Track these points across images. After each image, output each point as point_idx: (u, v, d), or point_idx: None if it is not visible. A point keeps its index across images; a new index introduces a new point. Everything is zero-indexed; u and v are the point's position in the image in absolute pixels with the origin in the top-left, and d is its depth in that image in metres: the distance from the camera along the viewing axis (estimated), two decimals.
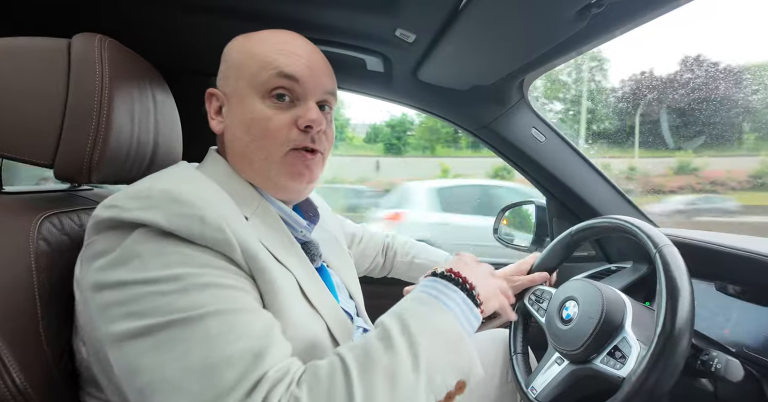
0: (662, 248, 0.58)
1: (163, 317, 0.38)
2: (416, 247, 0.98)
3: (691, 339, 0.50)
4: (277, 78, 0.52)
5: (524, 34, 0.65)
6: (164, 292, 0.38)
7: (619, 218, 0.70)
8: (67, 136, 0.49)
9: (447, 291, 0.49)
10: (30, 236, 0.46)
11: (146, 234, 0.41)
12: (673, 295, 0.52)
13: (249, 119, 0.53)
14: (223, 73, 0.56)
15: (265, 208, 0.55)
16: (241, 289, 0.43)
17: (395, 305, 0.48)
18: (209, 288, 0.40)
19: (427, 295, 0.48)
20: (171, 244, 0.41)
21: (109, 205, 0.42)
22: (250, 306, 0.42)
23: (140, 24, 0.76)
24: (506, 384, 0.83)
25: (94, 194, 0.66)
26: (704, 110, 3.33)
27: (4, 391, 0.41)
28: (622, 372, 0.54)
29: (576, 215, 1.09)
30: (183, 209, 0.41)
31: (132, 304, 0.39)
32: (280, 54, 0.53)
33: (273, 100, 0.53)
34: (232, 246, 0.43)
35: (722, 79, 2.74)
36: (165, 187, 0.43)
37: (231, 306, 0.40)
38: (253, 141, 0.53)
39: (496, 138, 1.03)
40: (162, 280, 0.39)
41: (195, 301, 0.39)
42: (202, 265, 0.41)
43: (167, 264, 0.40)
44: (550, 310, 0.73)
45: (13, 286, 0.44)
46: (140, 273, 0.39)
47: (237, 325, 0.39)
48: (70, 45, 0.50)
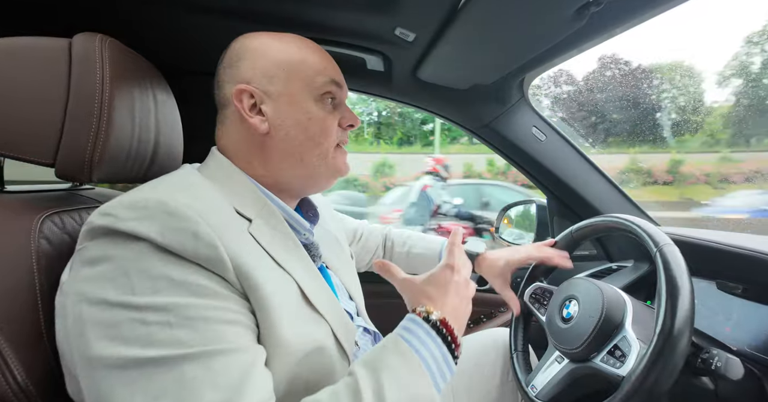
0: (663, 247, 0.58)
1: (141, 350, 0.37)
2: (413, 237, 0.98)
3: (691, 338, 0.50)
4: (330, 84, 0.57)
5: (523, 33, 0.65)
6: (146, 322, 0.38)
7: (620, 217, 0.70)
8: (68, 136, 0.49)
9: (428, 341, 0.48)
10: (31, 235, 0.47)
11: (138, 249, 0.40)
12: (673, 294, 0.52)
13: (306, 119, 0.56)
14: (259, 71, 0.55)
15: (269, 209, 0.55)
16: (229, 320, 0.42)
17: (373, 350, 0.48)
18: (193, 323, 0.39)
19: (408, 344, 0.47)
20: (161, 265, 0.40)
21: (104, 213, 0.42)
22: (234, 343, 0.41)
23: (141, 24, 0.76)
24: (507, 383, 0.83)
25: (96, 193, 0.67)
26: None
27: (6, 389, 0.41)
28: (621, 371, 0.54)
29: (577, 214, 1.09)
30: (178, 223, 0.41)
31: (111, 328, 0.38)
32: (326, 63, 0.58)
33: (324, 103, 0.57)
34: (224, 264, 0.42)
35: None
36: (162, 198, 0.42)
37: (212, 347, 0.39)
38: (309, 139, 0.56)
39: (496, 137, 1.03)
40: (146, 308, 0.38)
41: (176, 338, 0.38)
42: (191, 293, 0.40)
43: (155, 290, 0.39)
44: (551, 308, 0.73)
45: (14, 284, 0.44)
46: (126, 296, 0.38)
47: (214, 370, 0.38)
48: (70, 45, 0.50)
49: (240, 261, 0.44)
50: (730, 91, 9.39)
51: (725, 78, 9.12)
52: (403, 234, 1.00)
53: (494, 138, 1.04)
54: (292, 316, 0.47)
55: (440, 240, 0.96)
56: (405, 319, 0.51)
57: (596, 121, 7.52)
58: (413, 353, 0.46)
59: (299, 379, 0.46)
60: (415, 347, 0.47)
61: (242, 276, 0.44)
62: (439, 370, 0.47)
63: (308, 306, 0.51)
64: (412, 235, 0.99)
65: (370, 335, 0.69)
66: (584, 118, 5.08)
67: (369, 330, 0.69)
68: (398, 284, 0.59)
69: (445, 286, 0.55)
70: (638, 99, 3.24)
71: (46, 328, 0.45)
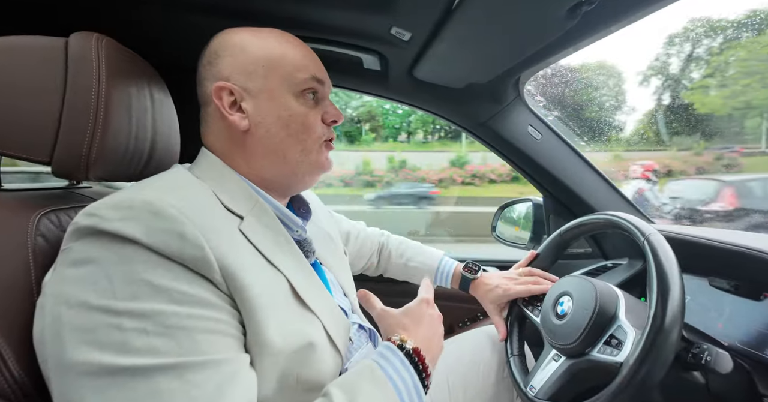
0: (649, 236, 0.59)
1: (116, 357, 0.36)
2: (410, 248, 0.98)
3: (684, 317, 0.51)
4: (310, 80, 0.56)
5: (517, 32, 0.65)
6: (123, 328, 0.37)
7: (606, 213, 0.71)
8: (65, 134, 0.49)
9: (402, 369, 0.50)
10: (28, 233, 0.47)
11: (123, 251, 0.39)
12: (663, 279, 0.53)
13: (287, 115, 0.55)
14: (238, 68, 0.54)
15: (261, 207, 0.55)
16: (210, 330, 0.41)
17: (349, 373, 0.49)
18: (172, 331, 0.38)
19: (382, 372, 0.49)
20: (144, 269, 0.39)
21: (89, 214, 0.42)
22: (213, 354, 0.40)
23: (137, 22, 0.77)
24: (502, 380, 0.83)
25: (93, 192, 0.67)
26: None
27: (3, 384, 0.41)
28: (619, 357, 0.55)
29: (572, 212, 1.10)
30: (163, 224, 0.41)
31: (87, 333, 0.37)
32: (307, 59, 0.57)
33: (305, 98, 0.57)
34: (210, 265, 0.42)
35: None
36: (147, 198, 0.42)
37: (189, 358, 0.38)
38: (290, 136, 0.56)
39: (492, 135, 1.03)
40: (124, 313, 0.37)
41: (152, 347, 0.37)
42: (172, 301, 0.39)
43: (135, 296, 0.38)
44: (545, 307, 0.73)
45: (11, 282, 0.44)
46: (105, 300, 0.38)
47: (190, 383, 0.37)
48: (67, 43, 0.50)
49: (227, 261, 0.43)
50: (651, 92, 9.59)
51: (646, 78, 9.33)
52: (402, 244, 1.00)
53: (490, 136, 1.04)
54: (281, 314, 0.47)
55: (438, 254, 0.97)
56: (381, 346, 0.53)
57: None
58: (387, 381, 0.48)
59: (290, 376, 0.46)
60: (390, 375, 0.48)
61: (229, 277, 0.43)
62: (410, 399, 0.49)
63: (299, 303, 0.51)
64: (410, 246, 0.99)
65: (365, 332, 0.69)
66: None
67: (364, 327, 0.69)
68: (376, 315, 0.62)
69: (420, 318, 0.59)
70: (565, 99, 3.27)
71: None
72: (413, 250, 0.98)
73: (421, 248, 0.99)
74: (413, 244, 1.00)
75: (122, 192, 0.45)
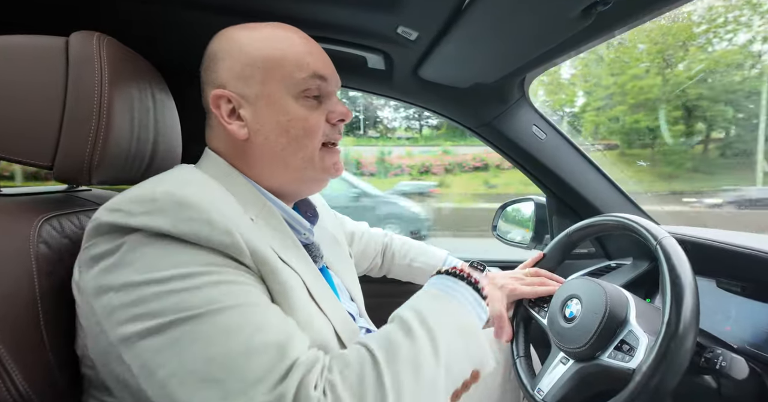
0: (662, 240, 0.59)
1: (177, 314, 0.37)
2: (414, 248, 0.98)
3: (698, 325, 0.51)
4: (311, 79, 0.53)
5: (528, 33, 0.64)
6: (175, 291, 0.37)
7: (617, 215, 0.71)
8: (67, 137, 0.47)
9: (456, 287, 0.50)
10: (30, 239, 0.45)
11: (150, 236, 0.40)
12: (677, 284, 0.53)
13: (286, 121, 0.53)
14: (235, 73, 0.52)
15: (269, 209, 0.54)
16: (254, 286, 0.42)
17: (409, 300, 0.49)
18: (221, 285, 0.39)
19: (438, 290, 0.50)
20: (177, 246, 0.40)
21: (112, 209, 0.41)
22: (265, 301, 0.42)
23: (138, 22, 0.75)
24: (508, 382, 0.83)
25: (93, 195, 0.65)
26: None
27: (5, 395, 0.40)
28: (631, 364, 0.54)
29: (576, 212, 1.09)
30: (189, 213, 0.40)
31: (141, 305, 0.38)
32: (308, 55, 0.54)
33: (306, 100, 0.54)
34: (241, 249, 0.42)
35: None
36: (169, 190, 0.42)
37: (246, 300, 0.39)
38: (291, 142, 0.53)
39: (497, 135, 1.03)
40: (172, 279, 0.38)
41: (209, 297, 0.38)
42: (211, 264, 0.40)
43: (176, 263, 0.39)
44: (552, 309, 0.73)
45: (14, 290, 0.43)
46: (147, 273, 0.38)
47: (255, 317, 0.39)
48: (67, 43, 0.49)
49: (256, 248, 0.43)
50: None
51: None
52: (405, 245, 0.99)
53: (495, 136, 1.04)
54: (304, 307, 0.47)
55: (441, 254, 0.96)
56: (426, 284, 0.53)
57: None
58: (442, 293, 0.49)
59: None
60: (444, 290, 0.50)
61: (260, 262, 0.44)
62: (472, 306, 0.49)
63: (313, 302, 0.51)
64: (413, 246, 0.98)
65: None
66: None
67: (371, 331, 0.69)
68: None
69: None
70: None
71: (47, 333, 0.44)
72: (417, 251, 0.97)
73: (425, 248, 0.98)
74: (417, 244, 0.99)
75: (139, 187, 0.44)
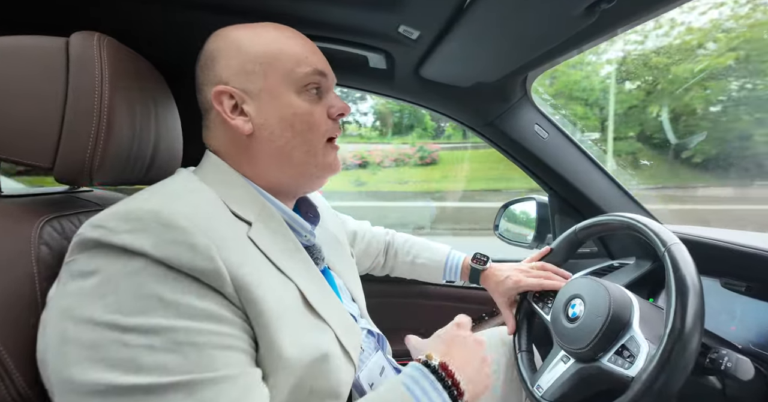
0: (671, 246, 0.58)
1: (124, 376, 0.35)
2: (416, 245, 0.97)
3: (701, 338, 0.50)
4: (312, 74, 0.54)
5: (531, 31, 0.64)
6: (131, 345, 0.36)
7: (626, 216, 0.70)
8: (67, 138, 0.47)
9: (431, 391, 0.47)
10: (31, 241, 0.45)
11: (131, 264, 0.38)
12: (683, 294, 0.52)
13: (291, 114, 0.53)
14: (236, 69, 0.52)
15: (268, 211, 0.53)
16: (222, 345, 0.40)
17: (378, 392, 0.48)
18: (181, 348, 0.37)
19: (410, 394, 0.47)
20: (154, 282, 0.38)
21: (95, 225, 0.40)
22: (225, 370, 0.39)
23: (137, 22, 0.74)
24: (511, 381, 0.83)
25: (94, 196, 0.65)
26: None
27: (6, 396, 0.40)
28: (631, 371, 0.54)
29: (579, 212, 1.09)
30: (173, 235, 0.39)
31: (94, 349, 0.36)
32: (307, 52, 0.54)
33: (308, 95, 0.54)
34: (222, 277, 0.41)
35: None
36: (155, 208, 0.41)
37: (200, 375, 0.37)
38: (296, 136, 0.53)
39: (499, 135, 1.02)
40: (132, 330, 0.36)
41: (161, 364, 0.36)
42: (181, 316, 0.38)
43: (143, 311, 0.37)
44: (556, 308, 0.73)
45: (15, 291, 0.43)
46: (112, 315, 0.36)
47: (201, 401, 0.36)
48: (68, 43, 0.49)
49: (239, 273, 0.42)
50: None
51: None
52: (407, 242, 0.98)
53: (497, 136, 1.03)
54: (294, 326, 0.46)
55: (444, 249, 0.96)
56: (409, 367, 0.51)
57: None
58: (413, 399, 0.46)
59: (303, 388, 0.45)
60: (417, 396, 0.47)
61: (240, 289, 0.42)
62: None
63: (311, 313, 0.50)
64: (416, 243, 0.98)
65: (373, 337, 0.68)
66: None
67: (373, 332, 0.68)
68: (411, 347, 0.63)
69: (451, 340, 0.58)
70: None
71: None
72: (419, 247, 0.97)
73: (428, 244, 0.97)
74: (419, 240, 0.99)
75: (128, 201, 0.43)
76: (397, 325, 1.17)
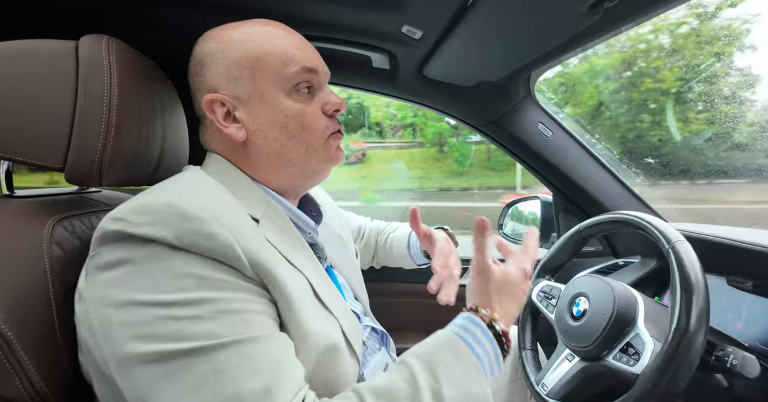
0: (675, 244, 0.58)
1: (175, 344, 0.37)
2: (393, 237, 0.95)
3: (707, 336, 0.50)
4: (301, 72, 0.53)
5: (534, 30, 0.64)
6: (177, 318, 0.38)
7: (629, 214, 0.70)
8: (77, 139, 0.48)
9: (482, 339, 0.48)
10: (43, 241, 0.46)
11: (155, 250, 0.40)
12: (687, 291, 0.52)
13: (282, 117, 0.52)
14: (224, 76, 0.52)
15: (274, 209, 0.54)
16: (256, 311, 0.42)
17: (425, 344, 0.48)
18: (223, 315, 0.39)
19: (462, 342, 0.47)
20: (182, 263, 0.40)
21: (116, 218, 0.41)
22: (264, 331, 0.41)
23: (143, 24, 0.75)
24: (516, 380, 0.83)
25: (103, 196, 0.66)
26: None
27: (22, 393, 0.41)
28: (636, 369, 0.54)
29: (583, 211, 1.09)
30: (191, 225, 0.41)
31: (142, 327, 0.38)
32: (295, 48, 0.53)
33: (298, 94, 0.53)
34: (242, 262, 0.42)
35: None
36: (171, 201, 0.42)
37: (244, 335, 0.39)
38: (291, 138, 0.53)
39: (502, 134, 1.02)
40: (175, 304, 0.38)
41: (208, 330, 0.38)
42: (216, 288, 0.40)
43: (181, 287, 0.39)
44: (560, 306, 0.73)
45: (29, 291, 0.43)
46: (152, 294, 0.38)
47: (249, 357, 0.38)
48: (77, 47, 0.49)
49: (257, 260, 0.43)
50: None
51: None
52: (386, 231, 0.97)
53: (500, 135, 1.03)
54: (310, 312, 0.47)
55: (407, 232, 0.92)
56: (465, 318, 0.50)
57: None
58: (470, 353, 0.46)
59: (319, 378, 0.46)
60: (476, 352, 0.47)
61: (262, 273, 0.44)
62: (491, 368, 0.48)
63: (321, 305, 0.50)
64: (393, 234, 0.95)
65: (377, 334, 0.68)
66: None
67: (377, 329, 0.69)
68: (475, 264, 0.56)
69: (513, 295, 0.55)
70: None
71: (61, 334, 0.45)
72: (394, 238, 0.94)
73: (400, 235, 0.93)
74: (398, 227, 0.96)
75: (144, 196, 0.44)
76: (401, 324, 1.17)
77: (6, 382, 0.40)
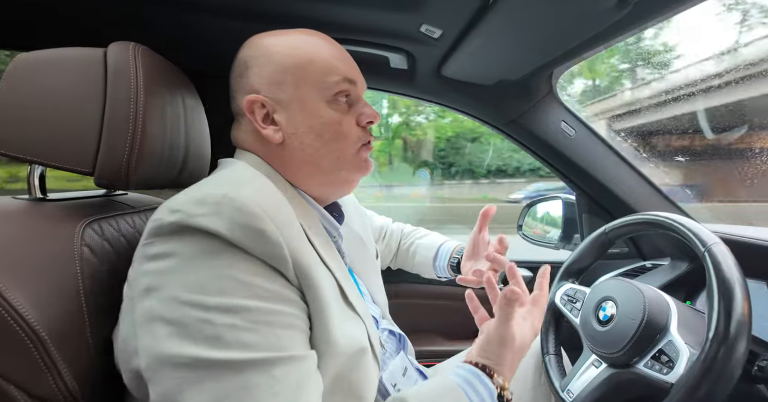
0: (711, 247, 0.55)
1: (209, 351, 0.38)
2: (418, 244, 0.95)
3: (748, 344, 0.47)
4: (342, 83, 0.55)
5: (558, 26, 0.62)
6: (214, 323, 0.38)
7: (660, 215, 0.67)
8: (106, 144, 0.49)
9: (480, 389, 0.50)
10: (75, 242, 0.48)
11: (206, 245, 0.41)
12: (726, 296, 0.49)
13: (319, 124, 0.54)
14: (267, 79, 0.53)
15: (306, 209, 0.55)
16: (290, 325, 0.43)
17: (425, 386, 0.49)
18: (258, 327, 0.40)
19: (460, 388, 0.49)
20: (228, 264, 0.40)
21: (173, 210, 0.42)
22: (294, 350, 0.42)
23: (165, 29, 0.77)
24: (539, 385, 0.81)
25: (129, 199, 0.68)
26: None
27: (54, 390, 0.42)
28: (670, 377, 0.52)
29: (608, 211, 1.05)
30: (245, 219, 0.41)
31: (181, 326, 0.38)
32: (337, 60, 0.55)
33: (337, 104, 0.55)
34: (286, 262, 0.43)
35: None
36: (229, 194, 0.43)
37: (274, 354, 0.40)
38: (325, 145, 0.55)
39: (523, 133, 1.00)
40: (215, 309, 0.39)
41: (242, 342, 0.39)
42: (255, 296, 0.41)
43: (223, 291, 0.39)
44: (585, 310, 0.70)
45: (61, 291, 0.45)
46: (195, 295, 0.39)
47: (275, 379, 0.39)
48: (105, 54, 0.51)
49: (299, 259, 0.44)
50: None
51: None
52: (411, 236, 0.97)
53: (521, 134, 1.01)
54: (339, 316, 0.47)
55: (437, 243, 0.92)
56: (472, 373, 0.52)
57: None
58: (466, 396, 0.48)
59: (344, 379, 0.46)
60: (466, 390, 0.48)
61: (301, 274, 0.44)
62: None
63: (348, 306, 0.51)
64: (419, 241, 0.95)
65: (395, 337, 0.68)
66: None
67: (395, 332, 0.68)
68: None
69: (501, 339, 0.55)
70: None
71: (91, 334, 0.46)
72: (419, 245, 0.94)
73: (427, 243, 0.94)
74: (426, 234, 0.96)
75: (201, 188, 0.45)
76: (419, 327, 1.16)
77: (40, 381, 0.41)
